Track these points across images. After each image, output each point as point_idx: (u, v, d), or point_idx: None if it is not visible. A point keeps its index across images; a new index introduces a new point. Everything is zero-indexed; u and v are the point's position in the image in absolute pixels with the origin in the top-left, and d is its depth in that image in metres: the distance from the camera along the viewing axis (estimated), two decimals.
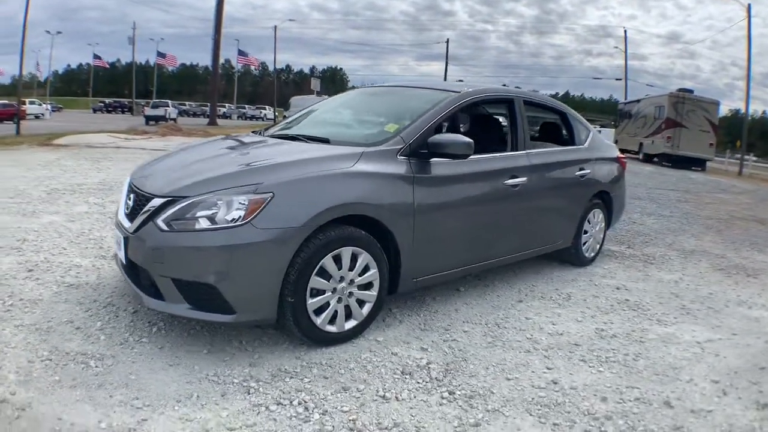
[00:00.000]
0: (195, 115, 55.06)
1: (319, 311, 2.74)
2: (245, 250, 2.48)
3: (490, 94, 3.97)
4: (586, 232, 4.64)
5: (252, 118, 55.46)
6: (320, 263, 2.67)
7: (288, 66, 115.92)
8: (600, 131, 32.54)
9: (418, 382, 2.52)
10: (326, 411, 2.23)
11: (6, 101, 30.97)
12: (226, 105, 63.03)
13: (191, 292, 2.54)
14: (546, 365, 2.77)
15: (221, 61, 39.69)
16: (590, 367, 2.78)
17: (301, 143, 3.32)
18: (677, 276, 4.66)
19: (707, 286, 4.39)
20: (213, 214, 2.52)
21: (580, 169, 4.41)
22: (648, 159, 21.39)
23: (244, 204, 2.52)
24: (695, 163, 20.25)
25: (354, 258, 2.82)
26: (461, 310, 3.48)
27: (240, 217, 2.50)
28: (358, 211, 2.79)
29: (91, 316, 3.02)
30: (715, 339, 3.27)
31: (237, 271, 2.49)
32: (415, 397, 2.40)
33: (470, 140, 3.15)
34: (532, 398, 2.43)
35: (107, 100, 58.33)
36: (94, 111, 54.34)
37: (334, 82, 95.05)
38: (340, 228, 2.73)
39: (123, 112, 53.72)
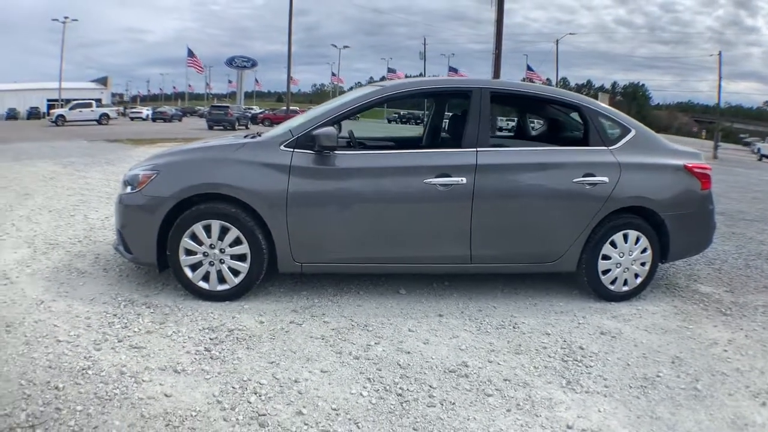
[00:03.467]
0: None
1: (194, 269, 3.31)
2: (133, 209, 3.36)
3: (426, 86, 3.72)
4: (607, 258, 3.64)
5: None
6: (190, 229, 3.26)
7: (589, 81, 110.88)
8: None
9: (201, 338, 2.81)
10: (126, 325, 2.92)
11: (284, 107, 34.29)
12: None
13: (120, 236, 3.50)
14: (313, 369, 2.53)
15: (521, 77, 41.69)
16: (343, 391, 2.35)
17: (238, 137, 3.86)
18: (730, 337, 3.19)
19: (749, 360, 2.90)
20: (134, 184, 3.41)
21: (587, 175, 3.50)
22: None
23: (139, 177, 3.36)
24: None
25: (225, 230, 3.26)
26: (365, 306, 3.37)
27: (136, 186, 3.36)
28: (220, 190, 3.23)
29: (112, 253, 4.17)
30: None
31: (130, 223, 3.40)
32: (182, 345, 2.73)
33: (331, 132, 3.16)
34: (225, 386, 2.37)
35: (402, 112, 63.98)
36: (389, 121, 60.47)
37: (635, 98, 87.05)
38: (211, 203, 3.25)
39: (416, 124, 56.61)
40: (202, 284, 3.31)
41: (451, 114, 4.44)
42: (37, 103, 48.94)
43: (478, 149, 3.40)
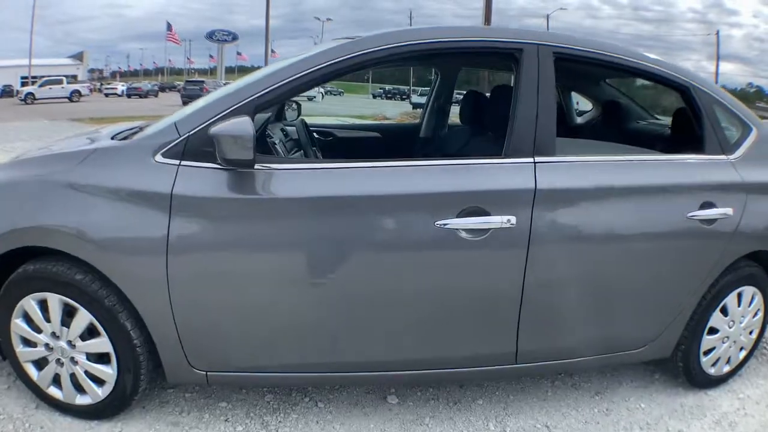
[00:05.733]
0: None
1: (39, 366, 1.96)
2: None
3: (438, 40, 1.98)
4: (714, 331, 2.30)
5: None
6: (20, 305, 1.87)
7: None
8: None
9: None
10: None
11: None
12: None
13: None
14: None
15: None
16: None
17: (103, 134, 2.31)
18: None
19: None
20: None
21: (705, 206, 2.07)
22: None
23: None
24: None
25: (71, 311, 1.85)
26: None
27: None
28: (45, 242, 1.79)
29: None
30: None
31: None
32: None
33: (243, 130, 1.63)
34: None
35: (387, 87, 62.66)
36: (374, 96, 57.81)
37: None
38: (44, 264, 1.82)
39: (402, 99, 54.36)
40: (54, 391, 1.95)
41: (472, 93, 2.82)
42: (12, 80, 46.60)
43: (538, 160, 1.91)
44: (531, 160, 1.89)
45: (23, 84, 41.25)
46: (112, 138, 2.04)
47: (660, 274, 2.05)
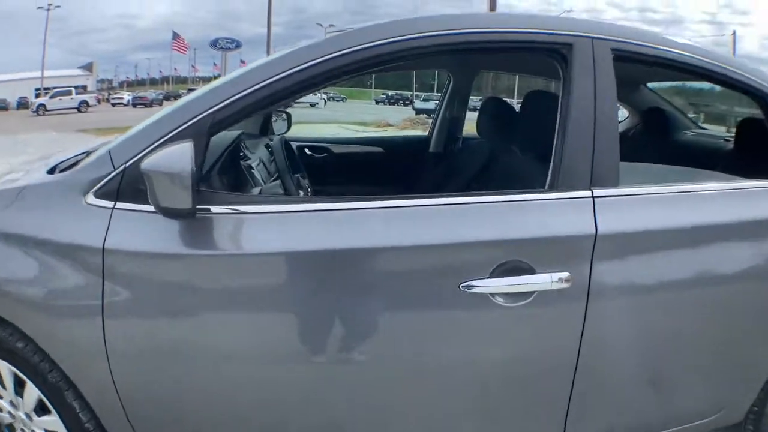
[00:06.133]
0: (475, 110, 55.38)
1: (10, 428, 1.68)
2: None
3: (455, 33, 1.45)
4: None
5: None
6: None
7: None
8: None
9: None
10: None
11: None
12: None
13: None
14: None
15: None
16: None
17: (50, 160, 1.86)
18: None
19: None
20: None
21: None
22: None
23: None
24: None
25: (22, 383, 1.54)
26: None
27: None
28: None
29: None
30: None
31: None
32: None
33: (183, 169, 1.19)
34: None
35: (390, 92, 61.99)
36: (377, 102, 57.86)
37: None
38: None
39: (405, 105, 55.94)
40: None
41: (494, 100, 2.42)
42: (27, 93, 47.21)
43: (597, 193, 1.44)
44: (588, 194, 1.42)
45: (37, 95, 41.81)
46: (52, 169, 1.63)
47: (744, 329, 1.68)
